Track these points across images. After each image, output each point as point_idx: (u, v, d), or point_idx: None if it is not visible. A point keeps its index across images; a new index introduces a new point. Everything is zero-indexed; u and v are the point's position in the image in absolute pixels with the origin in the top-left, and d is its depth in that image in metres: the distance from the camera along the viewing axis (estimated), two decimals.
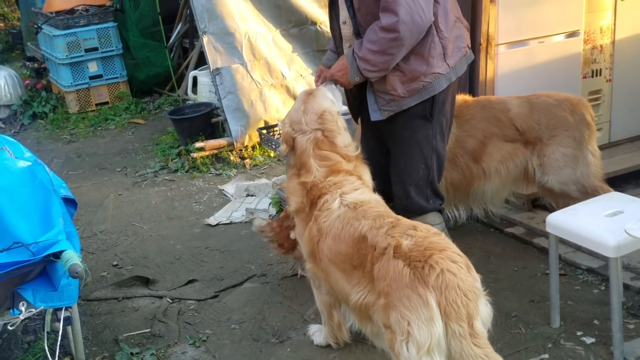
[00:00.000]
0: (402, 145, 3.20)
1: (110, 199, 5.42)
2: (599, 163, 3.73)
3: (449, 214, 3.96)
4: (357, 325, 2.85)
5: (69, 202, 3.42)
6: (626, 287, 3.31)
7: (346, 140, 2.96)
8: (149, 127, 7.21)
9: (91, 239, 4.70)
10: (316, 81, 3.48)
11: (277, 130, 5.37)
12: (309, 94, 3.03)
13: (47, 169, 3.32)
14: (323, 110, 2.94)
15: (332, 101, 3.02)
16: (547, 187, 3.73)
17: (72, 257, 2.41)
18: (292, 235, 3.73)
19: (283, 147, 2.99)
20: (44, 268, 2.62)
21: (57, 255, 2.48)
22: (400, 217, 2.69)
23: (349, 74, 3.04)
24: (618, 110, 4.51)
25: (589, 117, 3.66)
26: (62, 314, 2.73)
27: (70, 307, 2.84)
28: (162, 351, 3.38)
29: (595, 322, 3.22)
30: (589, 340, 3.10)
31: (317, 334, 3.28)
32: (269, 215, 4.82)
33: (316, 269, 2.94)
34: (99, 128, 7.31)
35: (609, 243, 2.73)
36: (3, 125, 7.62)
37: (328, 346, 3.21)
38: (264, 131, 5.38)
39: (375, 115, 3.12)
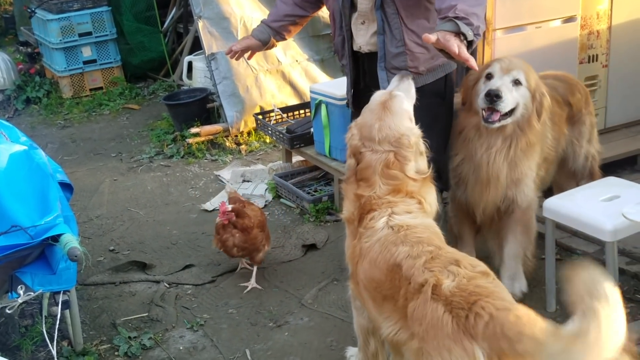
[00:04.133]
0: None
1: (106, 184, 5.40)
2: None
3: None
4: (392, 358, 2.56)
5: (65, 187, 3.41)
6: (621, 271, 3.33)
7: (420, 166, 2.62)
8: (144, 113, 7.18)
9: (87, 224, 4.69)
10: (233, 51, 3.52)
11: (272, 116, 5.36)
12: (385, 106, 2.62)
13: (42, 153, 3.31)
14: (401, 134, 2.56)
15: (412, 118, 2.68)
16: None
17: (71, 240, 2.41)
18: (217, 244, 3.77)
19: (351, 162, 2.63)
20: (42, 252, 2.63)
21: (56, 238, 2.48)
22: (441, 245, 2.34)
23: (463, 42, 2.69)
24: (614, 96, 4.51)
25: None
26: (60, 298, 2.74)
27: (69, 291, 2.85)
28: (160, 335, 3.38)
29: None
30: None
31: (354, 358, 3.03)
32: (265, 201, 4.83)
33: (356, 291, 2.64)
34: (93, 113, 7.28)
35: (606, 227, 2.74)
36: None
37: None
38: (260, 117, 5.37)
39: None
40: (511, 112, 3.04)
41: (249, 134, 6.03)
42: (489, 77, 3.08)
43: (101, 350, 3.29)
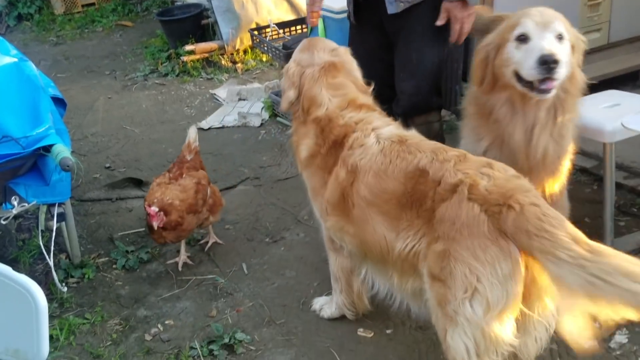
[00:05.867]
0: (416, 38, 3.13)
1: (100, 102, 5.34)
2: None
3: None
4: (395, 284, 2.38)
5: (58, 102, 3.36)
6: (619, 185, 3.32)
7: (360, 75, 2.64)
8: (137, 30, 7.04)
9: (82, 142, 4.66)
10: (312, 9, 3.31)
11: (268, 32, 5.24)
12: (311, 42, 2.68)
13: (33, 65, 3.24)
14: (336, 46, 2.64)
15: None
16: None
17: (63, 150, 2.39)
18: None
19: (291, 93, 2.56)
20: (35, 163, 2.60)
21: (47, 149, 2.46)
22: (464, 151, 2.24)
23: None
24: (618, 10, 4.38)
25: None
26: (56, 210, 2.73)
27: (64, 204, 2.85)
28: (157, 249, 3.40)
29: (586, 219, 3.24)
30: None
31: (326, 306, 2.86)
32: (262, 119, 4.78)
33: (344, 221, 2.46)
34: (86, 30, 7.13)
35: (606, 128, 2.73)
36: None
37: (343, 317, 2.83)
38: (256, 33, 5.25)
39: (391, 8, 3.05)
40: None
41: (245, 52, 5.91)
42: (523, 39, 2.33)
43: (99, 263, 3.32)
